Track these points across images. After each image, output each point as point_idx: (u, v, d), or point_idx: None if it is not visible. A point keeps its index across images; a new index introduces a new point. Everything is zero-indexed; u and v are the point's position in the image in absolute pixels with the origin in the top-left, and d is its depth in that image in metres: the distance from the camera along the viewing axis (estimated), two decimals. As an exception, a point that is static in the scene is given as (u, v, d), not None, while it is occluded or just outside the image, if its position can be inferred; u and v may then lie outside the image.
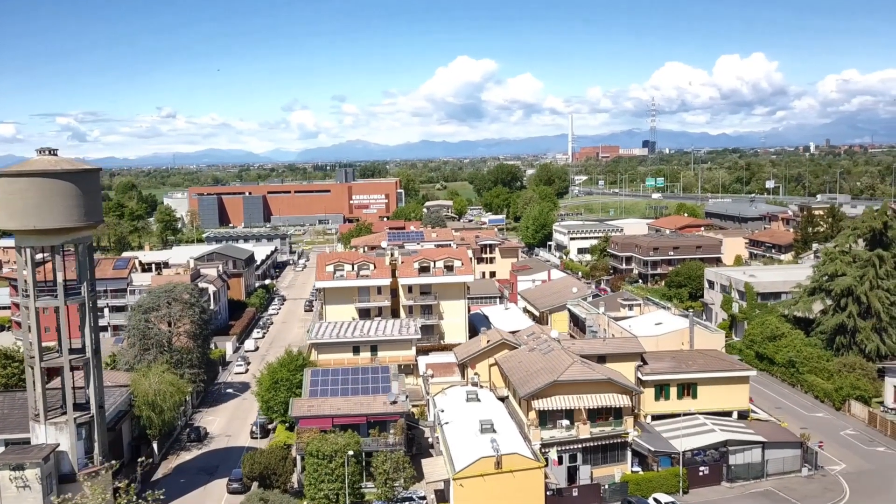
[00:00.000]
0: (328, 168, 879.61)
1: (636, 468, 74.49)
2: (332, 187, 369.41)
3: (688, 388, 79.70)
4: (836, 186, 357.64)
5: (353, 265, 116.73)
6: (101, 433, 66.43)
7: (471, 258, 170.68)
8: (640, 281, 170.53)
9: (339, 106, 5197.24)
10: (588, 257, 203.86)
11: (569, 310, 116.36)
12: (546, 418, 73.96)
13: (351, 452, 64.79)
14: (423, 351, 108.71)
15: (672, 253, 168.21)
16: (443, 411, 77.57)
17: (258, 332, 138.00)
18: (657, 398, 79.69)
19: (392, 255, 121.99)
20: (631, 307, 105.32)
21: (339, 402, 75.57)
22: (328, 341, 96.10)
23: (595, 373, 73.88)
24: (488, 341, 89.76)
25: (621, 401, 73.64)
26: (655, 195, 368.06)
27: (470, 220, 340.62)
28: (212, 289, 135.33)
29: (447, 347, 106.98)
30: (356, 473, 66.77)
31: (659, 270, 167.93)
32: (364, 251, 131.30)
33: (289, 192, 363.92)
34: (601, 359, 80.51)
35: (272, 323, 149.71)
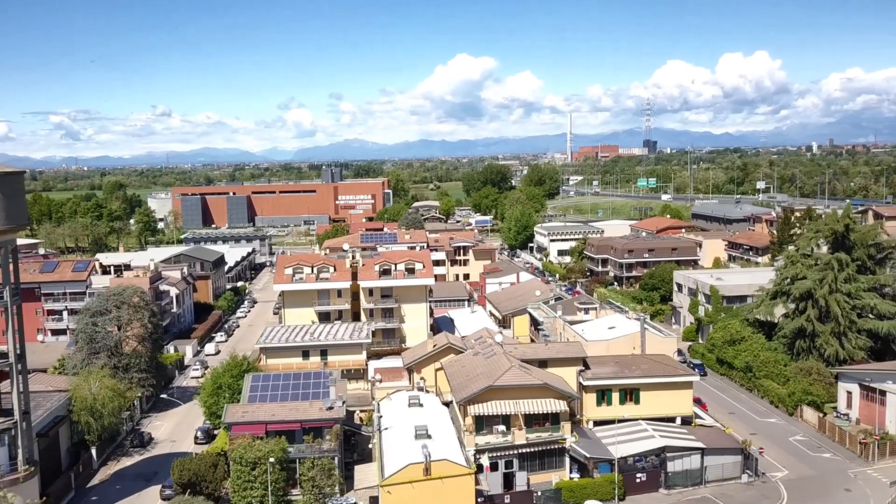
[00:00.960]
0: (323, 167, 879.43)
1: (575, 475, 74.75)
2: (318, 187, 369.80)
3: (630, 394, 80.00)
4: (828, 187, 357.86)
5: (312, 268, 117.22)
6: (26, 439, 66.80)
7: (444, 260, 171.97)
8: (616, 283, 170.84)
9: (336, 104, 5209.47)
10: (568, 259, 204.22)
11: (529, 313, 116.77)
12: (482, 424, 74.25)
13: (272, 459, 65.04)
14: (380, 355, 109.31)
15: (647, 255, 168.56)
16: (381, 417, 78.09)
17: (221, 336, 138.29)
18: (599, 403, 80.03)
19: (353, 257, 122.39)
20: (587, 311, 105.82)
21: (274, 407, 75.91)
22: (277, 346, 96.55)
23: (532, 378, 74.22)
24: (434, 345, 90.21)
25: (558, 406, 73.88)
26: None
27: (458, 221, 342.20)
28: (174, 291, 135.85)
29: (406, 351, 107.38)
30: (281, 480, 67.03)
31: (634, 273, 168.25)
32: (325, 253, 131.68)
33: (273, 192, 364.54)
34: (542, 363, 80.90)
35: (238, 326, 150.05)
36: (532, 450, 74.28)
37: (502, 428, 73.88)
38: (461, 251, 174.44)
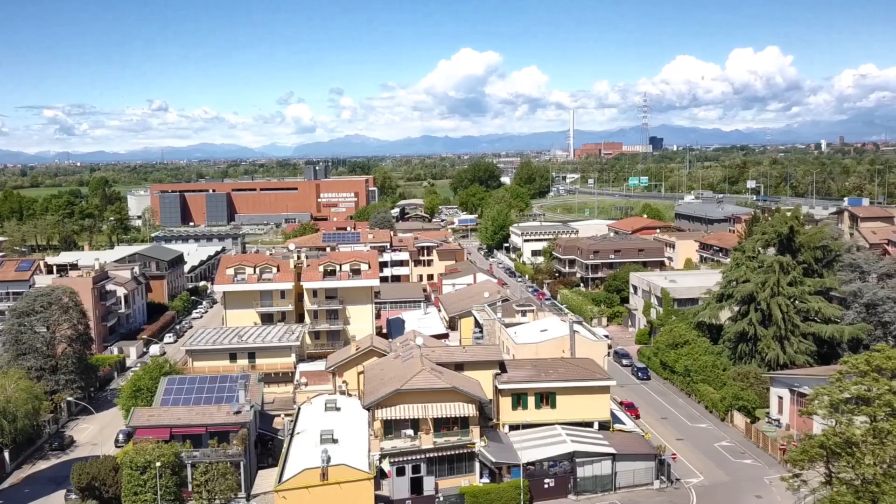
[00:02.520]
0: (320, 164, 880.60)
1: (485, 479, 75.60)
2: (300, 185, 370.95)
3: (546, 398, 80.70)
4: (814, 186, 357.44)
5: (254, 268, 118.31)
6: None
7: (407, 260, 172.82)
8: (582, 285, 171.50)
9: (336, 99, 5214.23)
10: (541, 260, 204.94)
11: (473, 315, 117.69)
12: (391, 428, 75.21)
13: (158, 463, 65.97)
14: (318, 357, 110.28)
15: (613, 256, 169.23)
16: (292, 421, 79.35)
17: (170, 337, 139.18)
18: (515, 407, 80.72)
19: (297, 257, 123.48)
20: (524, 313, 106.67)
21: (181, 411, 76.99)
22: (203, 348, 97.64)
23: (441, 381, 75.06)
24: (357, 348, 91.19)
25: (467, 410, 74.80)
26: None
27: (442, 220, 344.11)
28: (122, 291, 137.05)
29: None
30: (173, 485, 67.92)
31: (600, 274, 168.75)
32: (270, 253, 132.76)
33: (254, 189, 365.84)
34: (459, 366, 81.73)
35: (191, 327, 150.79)
36: (441, 454, 75.11)
37: (410, 432, 74.81)
38: (425, 251, 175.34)
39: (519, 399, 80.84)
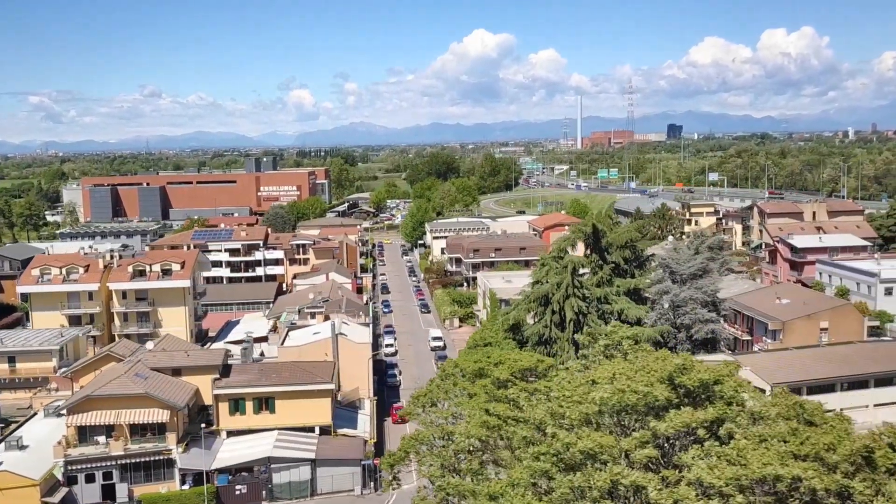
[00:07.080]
0: (320, 154, 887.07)
1: (185, 486, 79.38)
2: (239, 177, 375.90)
3: (265, 402, 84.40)
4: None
5: (61, 269, 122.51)
6: None
7: (282, 259, 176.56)
8: (465, 284, 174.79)
9: (340, 85, 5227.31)
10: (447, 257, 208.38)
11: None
12: (87, 434, 79.18)
13: None
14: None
15: (493, 255, 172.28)
16: (3, 426, 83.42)
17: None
18: (233, 413, 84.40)
19: (109, 257, 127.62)
20: (314, 315, 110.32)
21: None
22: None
23: (134, 387, 78.94)
24: (95, 353, 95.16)
25: (161, 416, 78.59)
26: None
27: (392, 215, 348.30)
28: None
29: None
30: None
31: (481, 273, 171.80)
32: (84, 252, 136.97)
33: (190, 182, 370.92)
34: (176, 371, 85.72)
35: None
36: (136, 461, 79.00)
37: (102, 438, 78.77)
38: (301, 249, 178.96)
39: (237, 404, 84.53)
